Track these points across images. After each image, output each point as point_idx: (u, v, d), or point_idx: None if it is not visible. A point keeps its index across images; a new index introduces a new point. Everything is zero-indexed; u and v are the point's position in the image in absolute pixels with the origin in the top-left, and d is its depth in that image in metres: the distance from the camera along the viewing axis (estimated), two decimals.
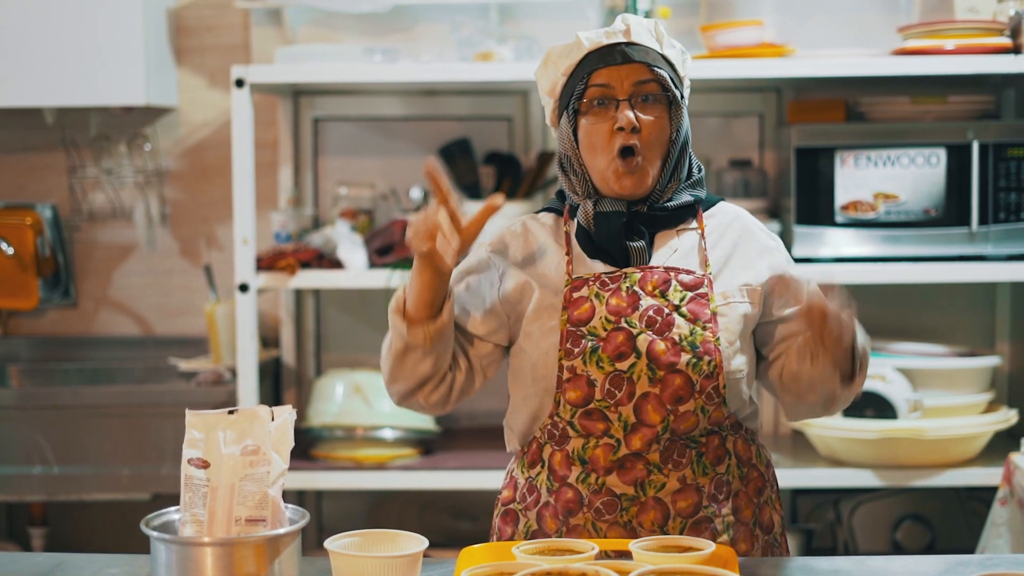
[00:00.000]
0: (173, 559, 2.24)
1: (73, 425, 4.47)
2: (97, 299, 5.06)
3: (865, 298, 4.81)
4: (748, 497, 2.67)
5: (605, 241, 2.65)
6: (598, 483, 2.60)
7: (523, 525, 2.70)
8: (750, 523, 2.65)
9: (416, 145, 4.93)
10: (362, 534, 2.35)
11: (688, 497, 2.59)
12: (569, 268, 2.66)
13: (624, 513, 2.59)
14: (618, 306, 2.59)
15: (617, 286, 2.61)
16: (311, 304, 4.99)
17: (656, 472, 2.59)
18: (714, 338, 2.57)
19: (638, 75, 2.61)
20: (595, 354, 2.57)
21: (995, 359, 4.50)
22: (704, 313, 2.59)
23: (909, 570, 2.50)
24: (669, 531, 2.58)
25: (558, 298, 2.64)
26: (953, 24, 4.28)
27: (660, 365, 2.55)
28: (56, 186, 5.03)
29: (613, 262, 2.65)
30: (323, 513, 4.98)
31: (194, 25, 4.96)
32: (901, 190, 4.34)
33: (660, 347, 2.56)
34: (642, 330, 2.57)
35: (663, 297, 2.60)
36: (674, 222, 2.68)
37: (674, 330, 2.57)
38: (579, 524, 2.62)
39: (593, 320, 2.59)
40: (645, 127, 2.60)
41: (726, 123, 4.89)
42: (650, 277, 2.61)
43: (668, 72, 2.64)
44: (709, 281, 2.62)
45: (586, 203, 2.66)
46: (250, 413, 2.33)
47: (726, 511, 2.62)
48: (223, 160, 4.86)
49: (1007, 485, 3.80)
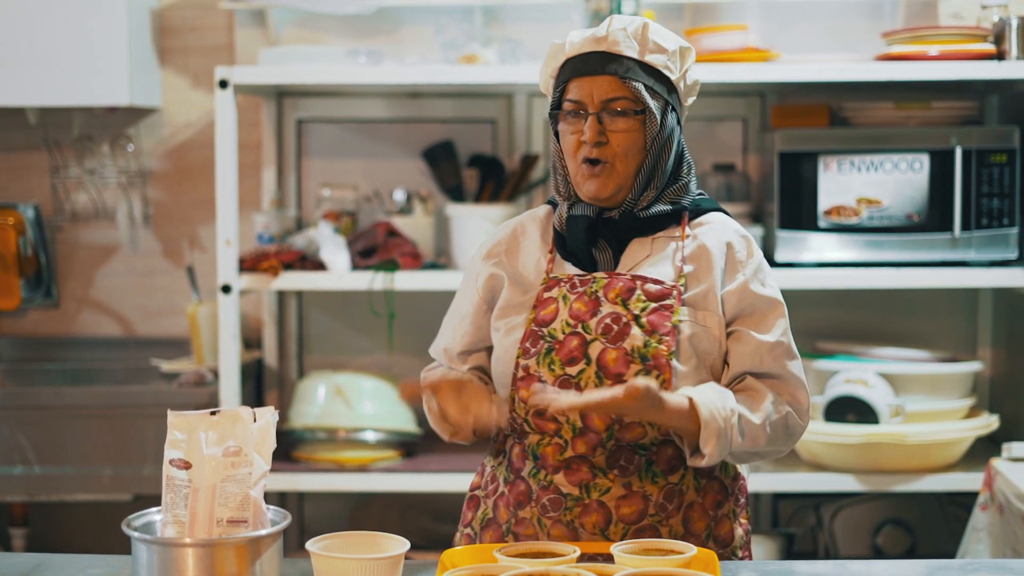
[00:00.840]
0: (154, 560, 2.23)
1: (54, 425, 4.46)
2: (79, 299, 5.05)
3: (847, 303, 4.84)
4: (704, 509, 2.64)
5: (573, 244, 2.66)
6: (547, 480, 2.61)
7: (481, 512, 2.73)
8: (703, 536, 2.62)
9: (400, 147, 4.93)
10: (343, 536, 2.35)
11: (633, 504, 2.58)
12: (549, 267, 2.67)
13: (568, 512, 2.59)
14: (579, 311, 2.59)
15: (584, 290, 2.61)
16: (293, 306, 4.98)
17: (601, 476, 2.58)
18: (668, 352, 2.54)
19: (609, 88, 2.59)
20: (549, 356, 2.58)
21: (977, 364, 4.51)
22: (664, 326, 2.56)
23: (890, 574, 2.51)
24: (610, 536, 2.57)
25: (528, 297, 2.66)
26: (937, 30, 4.29)
27: (608, 374, 2.55)
28: (39, 186, 5.02)
29: (581, 265, 2.66)
30: (304, 515, 4.98)
31: (178, 26, 4.95)
32: (884, 195, 4.35)
33: (611, 356, 2.55)
34: (596, 337, 2.57)
35: (624, 305, 2.58)
36: (650, 229, 2.66)
37: (628, 340, 2.55)
38: (527, 518, 2.63)
39: (555, 322, 2.60)
40: (614, 139, 2.59)
41: (709, 127, 4.90)
42: (615, 284, 2.60)
43: (646, 81, 2.61)
44: (678, 293, 2.60)
45: (563, 205, 2.68)
46: (232, 414, 2.33)
47: (675, 521, 2.60)
48: (206, 161, 4.86)
49: (988, 490, 3.81)
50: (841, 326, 4.87)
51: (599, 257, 2.65)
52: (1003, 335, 4.84)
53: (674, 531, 2.59)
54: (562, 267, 2.67)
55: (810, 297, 4.84)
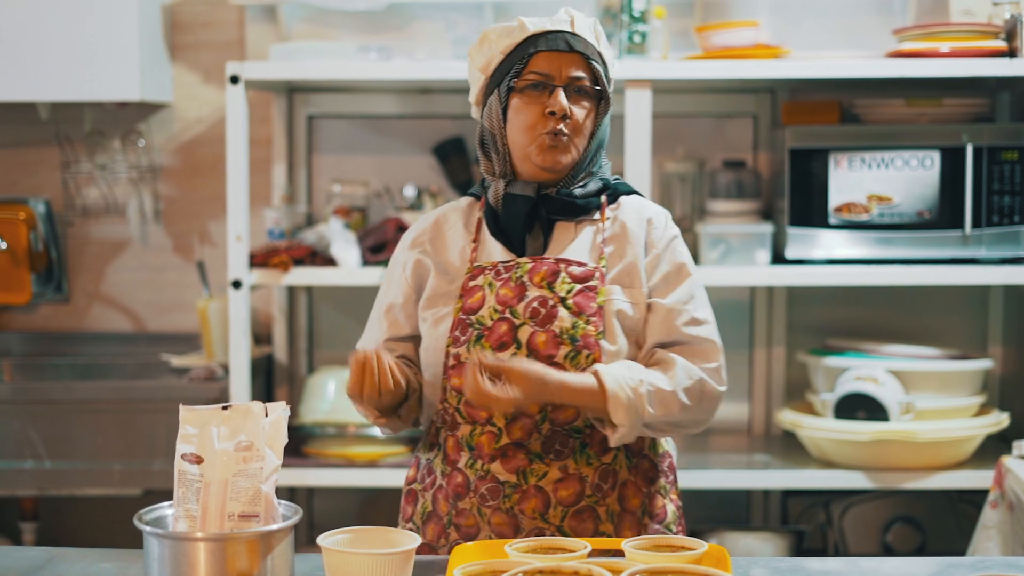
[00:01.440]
0: (166, 554, 2.23)
1: (65, 420, 4.46)
2: (90, 294, 5.06)
3: (858, 300, 4.84)
4: (637, 487, 2.70)
5: (508, 223, 2.71)
6: (483, 469, 2.65)
7: (420, 506, 2.78)
8: (638, 512, 2.69)
9: (410, 143, 4.93)
10: (355, 531, 2.35)
11: (570, 486, 2.64)
12: (473, 255, 2.73)
13: (507, 500, 2.64)
14: (506, 296, 2.65)
15: (509, 276, 2.67)
16: (304, 301, 4.99)
17: (537, 461, 2.63)
18: (596, 332, 2.61)
19: (577, 66, 2.68)
20: (479, 343, 2.63)
21: (987, 362, 4.51)
22: (590, 307, 2.62)
23: (901, 571, 2.51)
24: (550, 519, 2.63)
25: (454, 286, 2.71)
26: (948, 27, 4.28)
27: (539, 357, 2.59)
28: (50, 181, 5.02)
29: (512, 247, 2.71)
30: (314, 510, 4.98)
31: (189, 21, 4.96)
32: (895, 192, 4.35)
33: (540, 339, 2.61)
34: (524, 321, 2.62)
35: (550, 289, 2.64)
36: (576, 213, 2.72)
37: (556, 323, 2.61)
38: (467, 508, 2.67)
39: (483, 309, 2.65)
40: (574, 116, 2.67)
41: (720, 124, 4.90)
42: (539, 268, 2.66)
43: (603, 69, 2.71)
44: (601, 274, 2.66)
45: (498, 183, 2.73)
46: (244, 409, 2.33)
47: (611, 500, 2.66)
48: (217, 157, 4.86)
49: (998, 488, 3.80)
50: (851, 323, 4.86)
51: (530, 242, 2.71)
52: (1014, 332, 4.83)
53: (611, 510, 2.66)
54: (487, 255, 2.73)
55: (820, 294, 4.84)
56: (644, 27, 4.36)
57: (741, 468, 4.48)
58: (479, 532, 2.67)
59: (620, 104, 4.29)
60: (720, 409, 4.33)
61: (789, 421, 4.50)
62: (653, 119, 4.32)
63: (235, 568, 2.22)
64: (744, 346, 4.92)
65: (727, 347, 4.84)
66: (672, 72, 4.30)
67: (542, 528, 2.64)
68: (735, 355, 4.90)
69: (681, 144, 4.82)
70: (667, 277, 2.70)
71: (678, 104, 4.82)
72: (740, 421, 4.94)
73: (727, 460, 4.58)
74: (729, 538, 4.52)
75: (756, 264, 4.44)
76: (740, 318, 4.91)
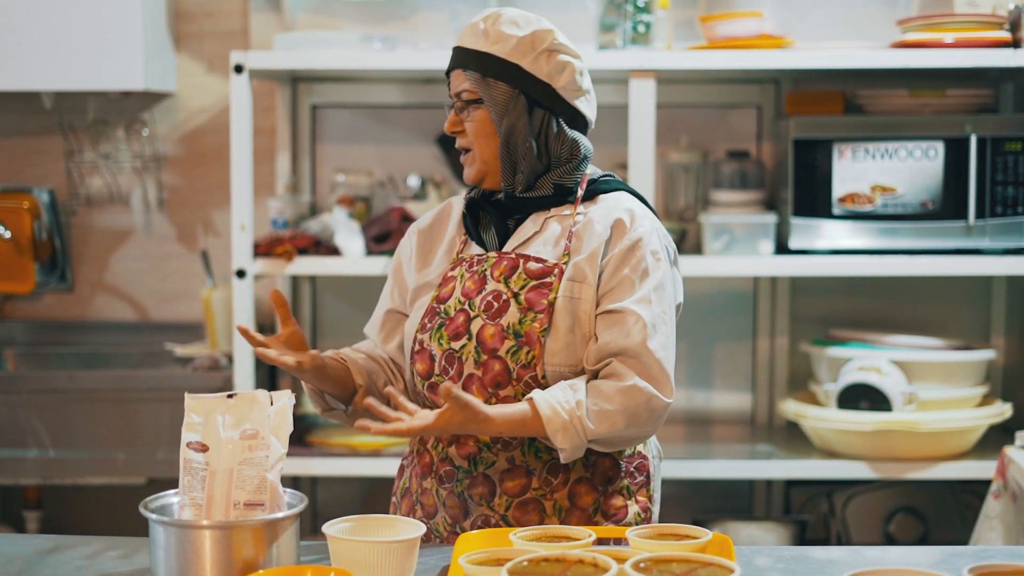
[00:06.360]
0: (172, 542, 2.24)
1: (68, 409, 4.47)
2: (93, 284, 5.06)
3: (861, 291, 4.84)
4: (592, 485, 2.70)
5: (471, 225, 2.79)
6: (443, 452, 2.72)
7: (403, 481, 2.86)
8: (589, 510, 2.69)
9: (414, 133, 4.93)
10: (360, 519, 2.36)
11: (516, 478, 2.67)
12: (460, 248, 2.79)
13: (459, 484, 2.70)
14: (469, 288, 2.70)
15: (476, 269, 2.72)
16: (308, 291, 4.99)
17: (486, 450, 2.68)
18: (540, 329, 2.62)
19: (458, 81, 2.74)
20: (439, 331, 2.70)
21: (990, 353, 4.51)
22: (540, 303, 2.64)
23: (904, 561, 2.51)
24: (495, 508, 2.67)
25: (435, 276, 2.78)
26: (952, 17, 4.28)
27: (485, 349, 2.65)
28: (53, 170, 5.03)
29: (482, 244, 2.78)
30: (317, 499, 4.99)
31: (193, 11, 4.96)
32: (899, 183, 4.35)
33: (488, 332, 2.65)
34: (478, 313, 2.67)
35: (505, 283, 2.68)
36: (539, 208, 2.74)
37: (505, 317, 2.65)
38: (428, 488, 2.75)
39: (450, 300, 2.72)
40: (468, 127, 2.74)
41: (724, 114, 4.90)
42: (500, 263, 2.71)
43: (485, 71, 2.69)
44: (560, 271, 2.67)
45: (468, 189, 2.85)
46: (249, 397, 2.34)
47: (560, 496, 2.68)
48: (221, 146, 4.86)
49: (1000, 478, 3.81)
50: (855, 313, 4.87)
51: (486, 238, 2.77)
52: (1017, 323, 4.83)
53: (559, 505, 2.68)
54: (471, 248, 2.79)
55: (824, 284, 4.85)
56: (648, 17, 4.35)
57: (744, 458, 4.49)
58: (436, 513, 2.73)
59: (624, 94, 4.30)
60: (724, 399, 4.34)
61: (792, 411, 4.50)
62: (657, 109, 4.32)
63: (241, 556, 2.22)
64: (747, 336, 4.92)
65: (731, 337, 4.90)
66: (676, 62, 4.30)
67: (488, 515, 2.67)
68: (739, 346, 4.92)
69: (685, 134, 4.82)
70: (624, 281, 2.65)
71: (682, 94, 4.82)
72: (743, 411, 4.95)
73: (730, 450, 4.59)
74: (732, 528, 4.52)
75: (760, 254, 4.44)
76: (744, 308, 4.91)
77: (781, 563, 2.46)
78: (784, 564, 2.46)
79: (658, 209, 4.75)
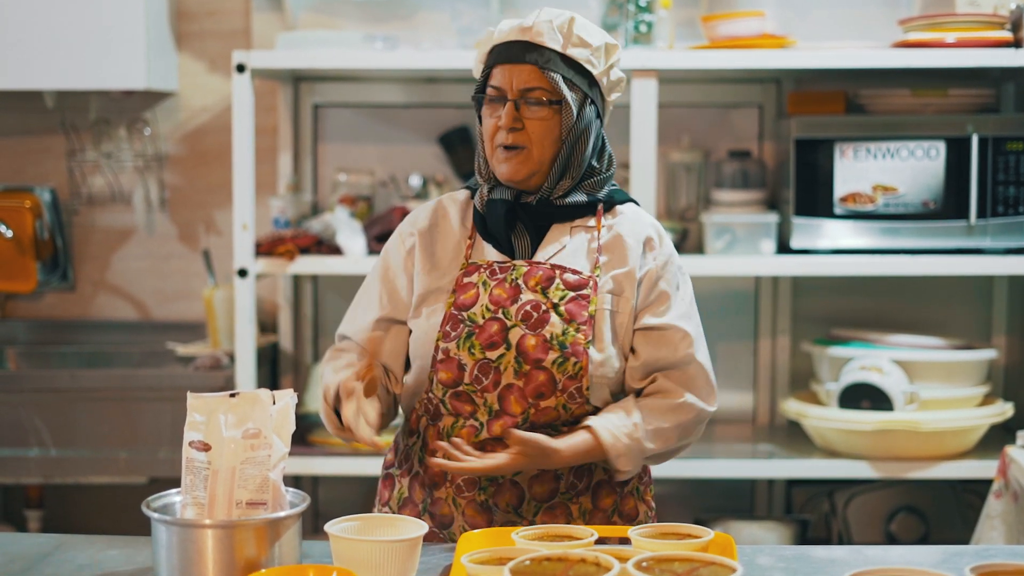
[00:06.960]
0: (174, 541, 2.24)
1: (70, 408, 4.47)
2: (95, 283, 5.06)
3: (862, 290, 4.84)
4: (611, 487, 2.73)
5: (492, 227, 2.72)
6: None
7: (396, 491, 2.81)
8: (609, 511, 2.72)
9: (416, 132, 4.93)
10: (362, 518, 2.36)
11: (545, 483, 2.66)
12: (468, 252, 2.73)
13: (482, 492, 2.67)
14: (500, 297, 2.65)
15: (504, 277, 2.67)
16: (309, 290, 4.99)
17: None
18: (585, 341, 2.62)
19: (528, 77, 2.65)
20: (469, 340, 2.64)
21: (991, 352, 4.51)
22: (581, 315, 2.63)
23: (906, 560, 2.51)
24: (523, 514, 2.66)
25: (447, 280, 2.72)
26: (954, 17, 4.28)
27: (527, 360, 2.62)
28: (55, 169, 5.03)
29: (501, 248, 2.72)
30: (319, 499, 4.99)
31: (195, 10, 4.96)
32: (900, 183, 4.35)
33: (530, 342, 2.62)
34: (516, 323, 2.63)
35: (543, 294, 2.65)
36: (567, 217, 2.72)
37: (547, 328, 2.62)
38: (442, 498, 2.71)
39: (475, 307, 2.66)
40: (530, 126, 2.65)
41: (725, 114, 4.90)
42: (535, 272, 2.67)
43: (565, 73, 2.65)
44: (595, 283, 2.66)
45: (484, 187, 2.75)
46: (251, 396, 2.34)
47: (584, 499, 2.70)
48: (223, 145, 4.87)
49: (1002, 478, 3.81)
50: (856, 313, 4.87)
51: (516, 243, 2.72)
52: (1018, 323, 4.83)
53: (583, 508, 2.70)
54: (481, 253, 2.74)
55: (825, 284, 4.85)
56: (650, 17, 4.36)
57: (746, 457, 4.49)
58: (453, 522, 2.70)
59: (626, 94, 4.29)
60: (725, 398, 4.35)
61: (794, 411, 4.51)
62: (659, 109, 4.32)
63: (243, 555, 2.22)
64: (749, 336, 4.92)
65: (732, 337, 4.91)
66: (678, 62, 4.30)
67: (514, 522, 2.66)
68: (740, 345, 4.92)
69: (687, 134, 4.82)
70: (661, 296, 2.71)
71: (684, 94, 4.82)
72: (745, 411, 4.95)
73: (732, 450, 4.59)
74: (733, 527, 4.53)
75: (761, 254, 4.44)
76: (745, 308, 4.92)
77: (782, 562, 2.47)
78: (785, 563, 2.46)
79: (660, 209, 4.77)
